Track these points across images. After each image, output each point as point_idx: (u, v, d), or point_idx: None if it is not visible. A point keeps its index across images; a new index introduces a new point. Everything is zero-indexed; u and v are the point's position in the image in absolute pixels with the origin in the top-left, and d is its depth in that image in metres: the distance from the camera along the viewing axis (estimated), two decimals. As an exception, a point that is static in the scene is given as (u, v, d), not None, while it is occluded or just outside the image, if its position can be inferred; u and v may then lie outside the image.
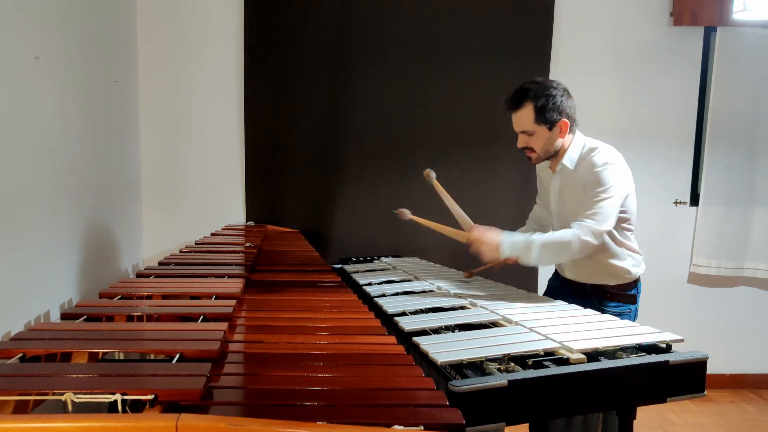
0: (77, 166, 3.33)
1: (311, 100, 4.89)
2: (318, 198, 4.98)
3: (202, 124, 4.87)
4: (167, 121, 4.83)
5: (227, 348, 1.99)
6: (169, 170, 4.87)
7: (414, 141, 4.99)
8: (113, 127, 4.10)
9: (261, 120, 4.88)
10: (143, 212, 4.85)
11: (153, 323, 2.33)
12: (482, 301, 2.93)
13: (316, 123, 4.91)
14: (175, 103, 4.83)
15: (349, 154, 4.96)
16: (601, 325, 2.56)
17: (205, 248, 3.97)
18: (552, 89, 3.07)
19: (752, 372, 5.55)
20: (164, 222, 4.88)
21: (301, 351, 1.97)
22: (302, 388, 1.66)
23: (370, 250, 4.78)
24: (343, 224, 4.99)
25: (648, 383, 2.17)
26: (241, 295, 2.72)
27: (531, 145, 3.14)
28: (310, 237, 4.75)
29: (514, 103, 3.12)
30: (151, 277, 3.07)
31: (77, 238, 3.32)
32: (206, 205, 4.93)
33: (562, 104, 3.07)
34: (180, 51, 4.81)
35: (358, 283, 3.49)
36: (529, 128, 3.09)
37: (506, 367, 2.05)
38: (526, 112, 3.07)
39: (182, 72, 4.83)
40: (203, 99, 4.85)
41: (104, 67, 3.91)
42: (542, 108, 3.04)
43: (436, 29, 4.93)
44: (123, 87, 4.32)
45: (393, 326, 2.57)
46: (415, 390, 1.67)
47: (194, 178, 4.90)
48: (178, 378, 1.62)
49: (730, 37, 5.10)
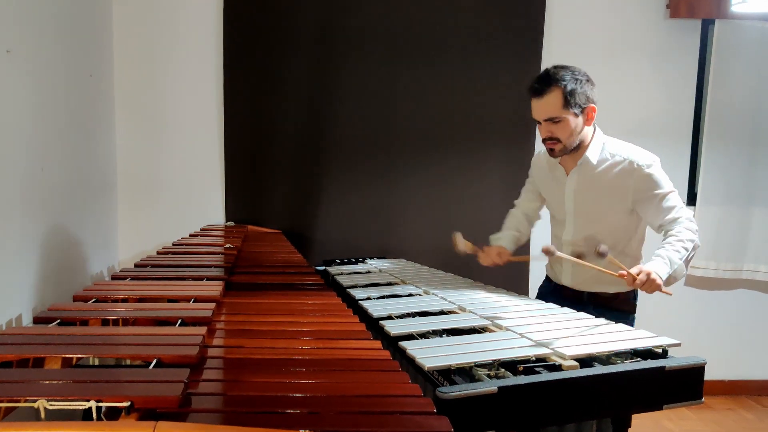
0: (50, 165, 3.32)
1: (293, 96, 4.88)
2: (300, 197, 4.98)
3: (181, 120, 4.87)
4: (144, 117, 4.82)
5: (206, 353, 1.99)
6: (145, 168, 4.86)
7: (400, 138, 4.99)
8: (88, 123, 4.09)
9: (241, 116, 4.87)
10: (119, 212, 4.84)
11: (129, 327, 2.33)
12: (471, 305, 2.94)
13: (299, 120, 4.91)
14: (152, 98, 4.82)
15: (332, 152, 4.96)
16: (595, 329, 2.56)
17: (183, 249, 3.97)
18: (577, 73, 3.07)
19: (751, 378, 5.57)
20: (141, 222, 4.87)
21: (283, 356, 1.98)
22: (284, 394, 1.66)
23: (355, 252, 4.78)
24: (326, 224, 4.99)
25: (643, 390, 2.17)
26: (220, 298, 2.72)
27: (557, 134, 3.09)
28: (293, 238, 4.74)
29: (541, 88, 3.07)
30: (127, 280, 3.06)
31: (50, 238, 3.31)
32: (184, 204, 4.93)
33: (589, 90, 3.08)
34: (157, 45, 4.80)
35: (343, 285, 3.49)
36: (557, 114, 3.05)
37: (496, 373, 2.06)
38: (554, 97, 3.04)
39: (159, 66, 4.82)
40: (181, 94, 4.85)
41: (78, 61, 3.90)
42: (572, 92, 3.02)
43: (421, 23, 4.93)
44: (98, 82, 4.31)
45: (378, 330, 2.58)
46: (401, 397, 1.68)
47: (172, 176, 4.90)
48: (155, 384, 1.62)
49: (728, 31, 5.11)
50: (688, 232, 2.98)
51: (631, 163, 3.08)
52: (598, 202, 3.19)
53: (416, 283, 3.50)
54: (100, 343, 2.05)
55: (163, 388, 1.58)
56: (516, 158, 3.53)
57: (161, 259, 3.66)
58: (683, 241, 2.96)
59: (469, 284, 3.51)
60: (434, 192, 5.02)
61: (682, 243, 2.96)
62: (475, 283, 3.56)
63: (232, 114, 4.87)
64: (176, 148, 4.88)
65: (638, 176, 3.07)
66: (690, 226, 3.01)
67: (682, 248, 2.95)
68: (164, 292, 2.76)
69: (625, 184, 3.10)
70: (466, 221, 3.78)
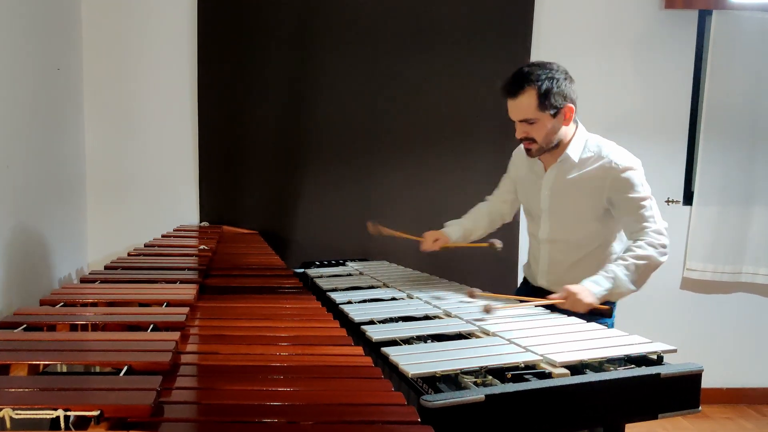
0: (15, 162, 3.31)
1: (271, 91, 4.88)
2: (278, 196, 4.98)
3: (153, 115, 4.85)
4: (114, 112, 4.80)
5: (179, 360, 1.99)
6: (116, 166, 4.84)
7: (383, 134, 5.00)
8: (55, 118, 4.08)
9: (216, 111, 4.86)
10: (88, 212, 4.82)
11: (98, 333, 2.33)
12: (457, 309, 2.94)
13: (277, 115, 4.90)
14: (122, 92, 4.80)
15: (312, 149, 4.96)
16: (586, 335, 2.57)
17: (155, 251, 3.97)
18: (554, 71, 3.05)
19: (751, 386, 5.59)
20: (111, 223, 4.85)
21: (260, 363, 1.98)
22: (261, 403, 1.67)
23: (335, 253, 4.77)
24: (305, 225, 4.99)
25: (638, 398, 2.18)
26: (194, 302, 2.72)
27: (532, 135, 3.11)
28: (270, 239, 4.74)
29: (514, 88, 3.06)
30: (97, 283, 3.06)
31: (15, 240, 3.30)
32: (157, 203, 4.91)
33: (567, 88, 3.06)
34: (128, 35, 4.77)
35: (322, 289, 3.49)
36: (532, 116, 3.05)
37: (483, 381, 2.06)
38: (528, 97, 3.03)
39: (131, 59, 4.80)
40: (154, 88, 4.83)
41: (45, 53, 3.89)
42: (546, 92, 3.01)
43: (405, 15, 4.94)
44: (66, 75, 4.29)
45: (360, 336, 2.58)
46: (383, 405, 1.68)
47: (144, 175, 4.88)
48: (126, 392, 1.62)
49: (726, 22, 5.12)
50: (649, 248, 3.01)
51: (610, 162, 3.09)
52: (575, 200, 3.21)
53: (399, 286, 3.50)
54: (68, 350, 2.05)
55: (135, 397, 1.58)
56: (504, 155, 3.53)
57: (132, 261, 3.65)
58: (638, 258, 3.00)
59: (455, 287, 3.52)
60: (419, 190, 5.02)
61: (635, 261, 3.00)
62: (461, 286, 3.57)
63: (206, 109, 4.85)
64: (148, 145, 4.86)
65: (614, 177, 3.08)
66: (654, 240, 3.02)
67: (633, 266, 3.00)
68: (135, 296, 2.75)
69: (601, 184, 3.11)
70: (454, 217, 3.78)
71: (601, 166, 3.11)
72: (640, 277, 3.03)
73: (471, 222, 3.67)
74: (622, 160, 3.08)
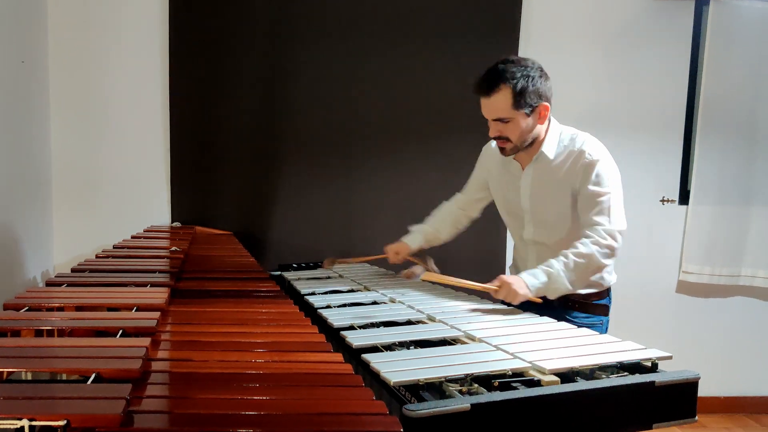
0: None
1: (247, 86, 4.88)
2: (254, 196, 4.98)
3: (123, 112, 4.84)
4: (82, 108, 4.79)
5: (150, 367, 1.98)
6: (84, 164, 4.82)
7: (363, 131, 5.01)
8: (19, 114, 4.06)
9: (189, 108, 4.86)
10: (54, 212, 4.80)
11: (65, 339, 2.31)
12: (441, 314, 2.94)
13: (252, 112, 4.91)
14: (90, 87, 4.79)
15: (289, 147, 4.97)
16: (577, 341, 2.57)
17: (124, 253, 3.94)
18: (529, 69, 3.07)
19: (749, 394, 5.60)
20: (78, 223, 4.84)
21: (235, 370, 1.97)
22: (236, 412, 1.66)
23: (314, 255, 4.74)
24: (282, 225, 4.99)
25: (631, 407, 2.18)
26: (166, 307, 2.71)
27: (506, 134, 3.13)
28: (245, 240, 4.73)
29: (488, 86, 3.08)
30: (63, 286, 3.03)
31: (-24, 241, 3.29)
32: (126, 203, 4.90)
33: (542, 86, 3.08)
34: (97, 28, 4.76)
35: (300, 292, 3.50)
36: (506, 115, 3.07)
37: (469, 389, 2.06)
38: (502, 96, 3.05)
39: (99, 52, 4.78)
40: (124, 84, 4.82)
41: (8, 45, 3.87)
42: (522, 91, 3.03)
43: (387, 7, 4.95)
44: (30, 69, 4.28)
45: (339, 342, 2.58)
46: (364, 415, 1.68)
47: (113, 173, 4.87)
48: (94, 401, 1.61)
49: (724, 12, 5.13)
50: (592, 246, 3.02)
51: (581, 152, 3.12)
52: (556, 197, 3.23)
53: (381, 289, 3.50)
54: (33, 356, 2.04)
55: (103, 406, 1.57)
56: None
57: (101, 263, 3.63)
58: (578, 257, 3.02)
59: (438, 291, 3.52)
60: (401, 190, 5.03)
61: (575, 258, 3.02)
62: (445, 290, 3.57)
63: (178, 104, 4.85)
64: (117, 142, 4.85)
65: (582, 164, 3.11)
66: (600, 239, 3.03)
67: (573, 263, 3.02)
68: (104, 300, 2.74)
69: (573, 177, 3.14)
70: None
71: (574, 157, 3.14)
72: (578, 277, 3.06)
73: (432, 227, 3.74)
74: (593, 150, 3.12)
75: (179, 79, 4.85)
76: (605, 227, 3.04)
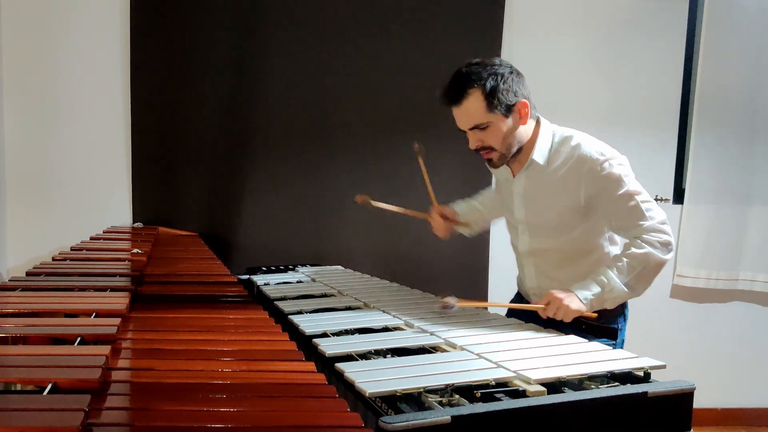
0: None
1: (212, 79, 4.87)
2: (220, 195, 4.97)
3: (80, 106, 4.81)
4: (36, 102, 4.76)
5: (110, 377, 1.96)
6: (38, 161, 4.79)
7: (336, 126, 5.00)
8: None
9: (151, 101, 4.83)
10: (7, 212, 4.77)
11: (19, 347, 2.30)
12: (420, 320, 2.94)
13: (218, 106, 4.90)
14: (45, 79, 4.76)
15: (257, 143, 4.95)
16: (565, 349, 2.57)
17: (83, 255, 3.93)
18: (497, 67, 2.99)
19: (747, 406, 5.61)
20: (33, 224, 4.81)
21: (200, 380, 1.96)
22: (201, 425, 1.65)
23: (284, 258, 4.76)
24: (250, 226, 4.98)
25: (622, 419, 2.17)
26: (126, 313, 2.69)
27: (488, 142, 3.04)
28: (211, 242, 4.72)
29: (456, 93, 3.00)
30: (17, 291, 3.01)
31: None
32: (84, 203, 4.87)
33: (515, 83, 2.99)
34: (52, 20, 4.73)
35: (270, 297, 3.50)
36: (482, 120, 2.98)
37: (449, 400, 2.05)
38: (473, 100, 2.96)
39: (55, 44, 4.75)
40: (81, 76, 4.79)
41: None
42: (493, 91, 2.93)
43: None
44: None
45: (312, 350, 2.58)
46: (338, 428, 1.67)
47: (69, 170, 4.84)
48: (51, 413, 1.59)
49: (720, 3, 5.12)
50: (646, 246, 2.98)
51: (582, 155, 3.02)
52: (554, 204, 3.15)
53: (356, 294, 3.51)
54: (-16, 366, 2.03)
55: (60, 418, 1.55)
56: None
57: (57, 266, 3.62)
58: (633, 258, 2.98)
59: (417, 296, 3.53)
60: (377, 188, 5.01)
61: (629, 261, 2.98)
62: (424, 294, 3.57)
63: (140, 97, 4.83)
64: (75, 137, 4.82)
65: (588, 170, 3.01)
66: (652, 238, 2.99)
67: (627, 266, 2.98)
68: (61, 306, 2.72)
69: (576, 182, 3.05)
70: (416, 223, 3.76)
71: (573, 161, 3.05)
72: (639, 279, 3.00)
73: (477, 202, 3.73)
74: (597, 152, 3.02)
75: (140, 73, 4.81)
76: (649, 223, 3.00)
